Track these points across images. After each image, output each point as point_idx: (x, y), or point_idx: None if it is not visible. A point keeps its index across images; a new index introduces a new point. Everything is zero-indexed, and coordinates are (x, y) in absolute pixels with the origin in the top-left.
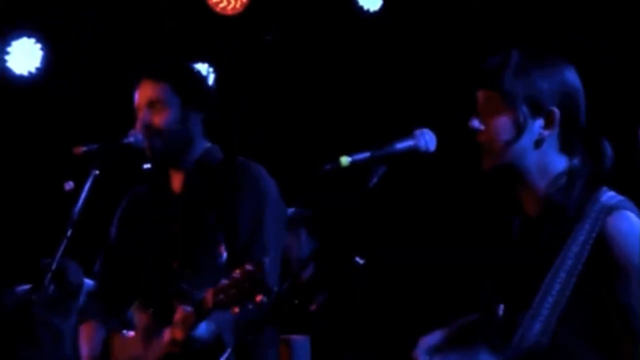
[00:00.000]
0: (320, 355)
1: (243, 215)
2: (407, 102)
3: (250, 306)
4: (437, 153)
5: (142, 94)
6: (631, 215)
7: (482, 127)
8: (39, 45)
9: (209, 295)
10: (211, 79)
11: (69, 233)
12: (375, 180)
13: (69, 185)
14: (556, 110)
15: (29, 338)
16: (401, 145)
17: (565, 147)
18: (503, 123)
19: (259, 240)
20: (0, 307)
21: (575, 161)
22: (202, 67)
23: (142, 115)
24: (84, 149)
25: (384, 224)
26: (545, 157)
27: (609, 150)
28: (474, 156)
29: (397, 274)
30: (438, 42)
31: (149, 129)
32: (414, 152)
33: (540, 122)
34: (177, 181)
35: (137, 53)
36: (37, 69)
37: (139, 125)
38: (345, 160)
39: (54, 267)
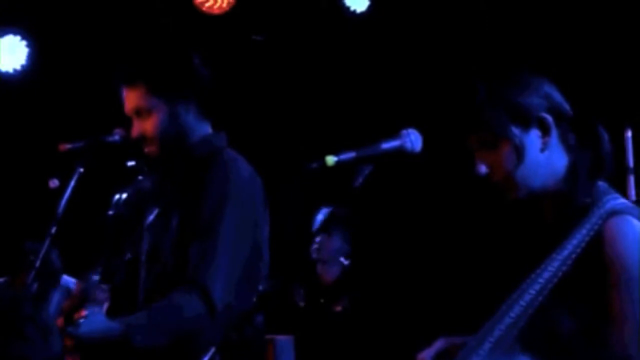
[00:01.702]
0: (345, 357)
1: (200, 212)
2: (394, 102)
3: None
4: (423, 153)
5: (126, 103)
6: (633, 221)
7: (488, 170)
8: (24, 43)
9: (77, 288)
10: None
11: (53, 230)
12: (360, 180)
13: (54, 182)
14: (545, 115)
15: (20, 336)
16: (387, 145)
17: (566, 143)
18: (503, 155)
19: (209, 238)
20: None
21: (575, 153)
22: None
23: (134, 124)
24: (69, 146)
25: (372, 225)
26: (552, 158)
27: (603, 134)
28: (460, 157)
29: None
30: (425, 42)
31: (142, 138)
32: (400, 152)
33: (536, 132)
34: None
35: (123, 52)
36: (23, 66)
37: (134, 135)
38: (331, 159)
39: (37, 264)
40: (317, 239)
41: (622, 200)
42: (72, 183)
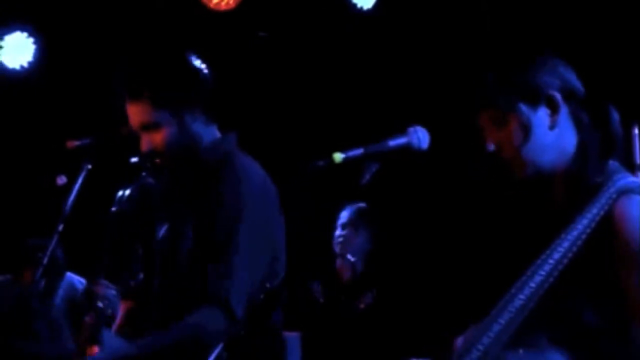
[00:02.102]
0: (363, 353)
1: (217, 227)
2: (401, 99)
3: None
4: (430, 151)
5: (131, 118)
6: None
7: (496, 147)
8: (31, 40)
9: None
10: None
11: (60, 227)
12: (367, 177)
13: (62, 179)
14: (554, 93)
15: (26, 332)
16: (394, 142)
17: (577, 122)
18: (511, 131)
19: (230, 259)
20: None
21: (586, 133)
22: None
23: (142, 139)
24: (76, 143)
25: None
26: (561, 137)
27: (615, 114)
28: (466, 154)
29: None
30: (431, 40)
31: (154, 152)
32: (406, 149)
33: (544, 110)
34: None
35: (129, 48)
36: (30, 63)
37: (144, 149)
38: (338, 156)
39: (45, 261)
40: (342, 232)
41: (633, 178)
42: (80, 180)
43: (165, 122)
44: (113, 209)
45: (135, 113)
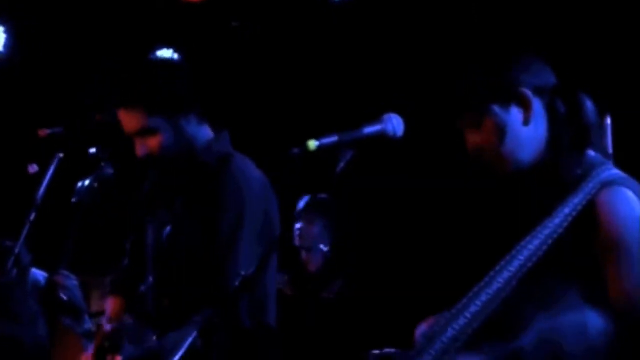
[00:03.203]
0: (334, 343)
1: (219, 231)
2: (376, 86)
3: None
4: (404, 138)
5: (125, 125)
6: (628, 192)
7: (477, 148)
8: (1, 29)
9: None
10: None
11: (32, 216)
12: (342, 164)
13: (33, 168)
14: (524, 90)
15: (9, 316)
16: (369, 129)
17: (551, 115)
18: (488, 133)
19: (230, 256)
20: None
21: (558, 124)
22: (167, 54)
23: (137, 144)
24: (48, 131)
25: (354, 209)
26: (537, 131)
27: (588, 103)
28: (442, 143)
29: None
30: (407, 27)
31: (151, 157)
32: (381, 136)
33: (516, 107)
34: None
35: (101, 38)
36: (0, 52)
37: (140, 154)
38: (312, 144)
39: (17, 250)
40: (298, 225)
41: (616, 171)
42: (52, 168)
43: (160, 127)
44: (73, 200)
45: (129, 120)
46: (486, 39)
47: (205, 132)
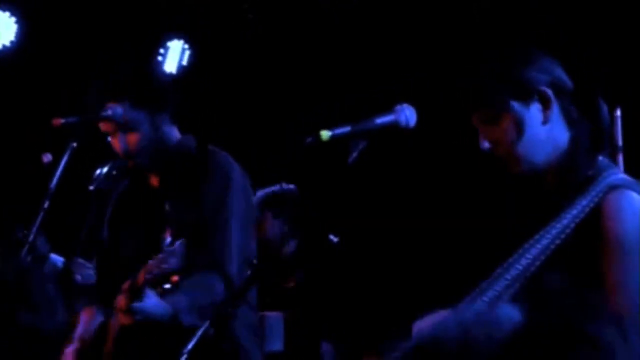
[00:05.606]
0: (297, 333)
1: (208, 200)
2: (389, 77)
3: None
4: (417, 128)
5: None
6: (633, 195)
7: (491, 145)
8: (13, 19)
9: (141, 274)
10: (186, 57)
11: (46, 205)
12: (355, 155)
13: (47, 157)
14: (546, 89)
15: (28, 305)
16: (382, 120)
17: (567, 117)
18: (505, 129)
19: (222, 222)
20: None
21: (577, 127)
22: (178, 44)
23: (117, 139)
24: (62, 121)
25: (365, 199)
26: (554, 132)
27: (603, 106)
28: (454, 133)
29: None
30: (418, 18)
31: (127, 153)
32: (394, 127)
33: (537, 106)
34: (154, 177)
35: (112, 27)
36: (12, 42)
37: (118, 150)
38: (326, 134)
39: (31, 239)
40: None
41: (623, 175)
42: (66, 158)
43: (142, 122)
44: (91, 187)
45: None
46: (506, 41)
47: (175, 133)
